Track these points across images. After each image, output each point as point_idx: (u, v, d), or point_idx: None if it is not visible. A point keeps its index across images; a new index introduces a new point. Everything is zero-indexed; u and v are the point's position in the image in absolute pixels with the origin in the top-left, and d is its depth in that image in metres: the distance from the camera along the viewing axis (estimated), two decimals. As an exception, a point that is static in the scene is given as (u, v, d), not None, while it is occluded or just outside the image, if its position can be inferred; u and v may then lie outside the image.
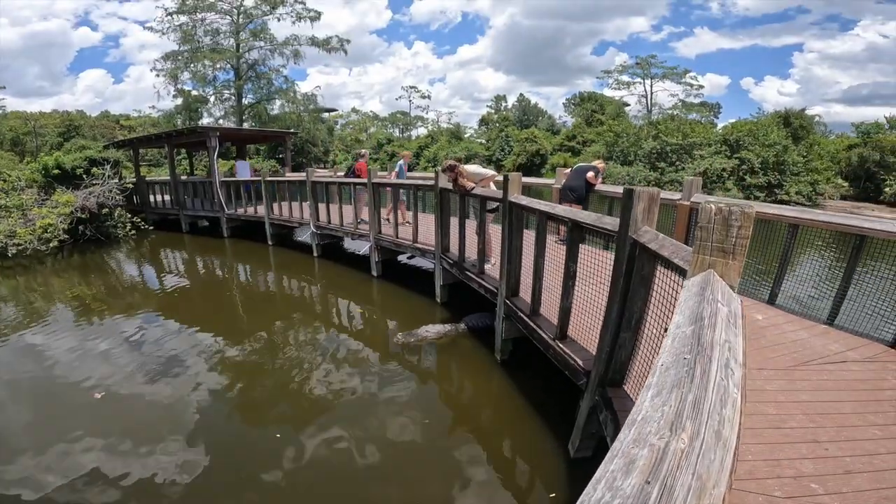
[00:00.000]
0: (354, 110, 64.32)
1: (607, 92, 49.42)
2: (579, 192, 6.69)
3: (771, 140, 23.41)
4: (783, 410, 2.50)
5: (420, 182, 7.54)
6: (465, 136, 52.54)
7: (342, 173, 13.33)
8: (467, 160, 40.72)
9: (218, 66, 28.21)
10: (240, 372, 5.08)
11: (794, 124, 26.25)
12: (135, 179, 15.30)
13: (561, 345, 3.63)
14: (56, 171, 13.06)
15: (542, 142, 39.08)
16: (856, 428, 2.35)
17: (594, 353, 3.15)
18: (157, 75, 27.93)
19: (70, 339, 5.95)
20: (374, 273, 8.57)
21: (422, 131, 59.06)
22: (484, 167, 6.12)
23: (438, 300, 7.01)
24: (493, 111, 58.22)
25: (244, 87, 29.07)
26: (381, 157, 42.49)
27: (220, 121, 29.30)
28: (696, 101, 47.29)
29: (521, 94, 58.97)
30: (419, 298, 7.38)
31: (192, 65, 27.47)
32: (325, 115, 46.42)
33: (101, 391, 4.55)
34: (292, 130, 18.62)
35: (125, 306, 7.49)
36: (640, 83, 48.15)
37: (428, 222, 7.29)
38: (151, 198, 15.33)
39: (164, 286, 9.10)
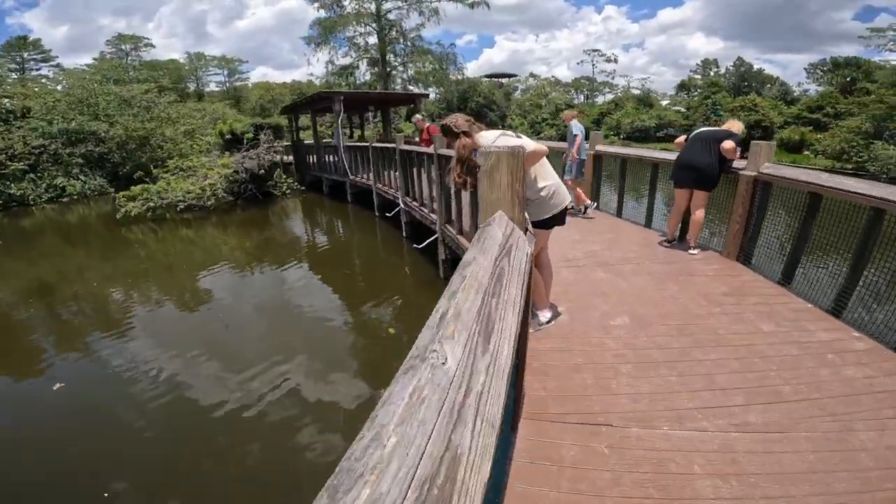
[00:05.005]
0: (532, 75, 60.21)
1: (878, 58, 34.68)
2: (707, 173, 4.23)
3: None
4: None
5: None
6: (662, 102, 44.21)
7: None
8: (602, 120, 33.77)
9: (364, 30, 28.19)
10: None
11: None
12: (291, 142, 16.44)
13: None
14: (229, 136, 14.84)
15: (768, 111, 29.27)
16: None
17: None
18: (309, 44, 29.67)
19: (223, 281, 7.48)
20: (442, 275, 6.71)
21: (609, 98, 51.85)
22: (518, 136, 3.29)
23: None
24: (697, 76, 47.51)
25: (387, 49, 28.80)
26: (557, 123, 38.50)
27: (375, 86, 29.86)
28: None
29: (739, 58, 46.32)
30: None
31: (339, 29, 27.78)
32: (503, 80, 44.61)
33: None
34: (425, 92, 17.51)
35: (262, 258, 8.84)
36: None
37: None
38: (309, 159, 16.36)
39: (293, 246, 10.17)
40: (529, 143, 2.72)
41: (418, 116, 9.84)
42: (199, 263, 8.57)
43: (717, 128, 4.51)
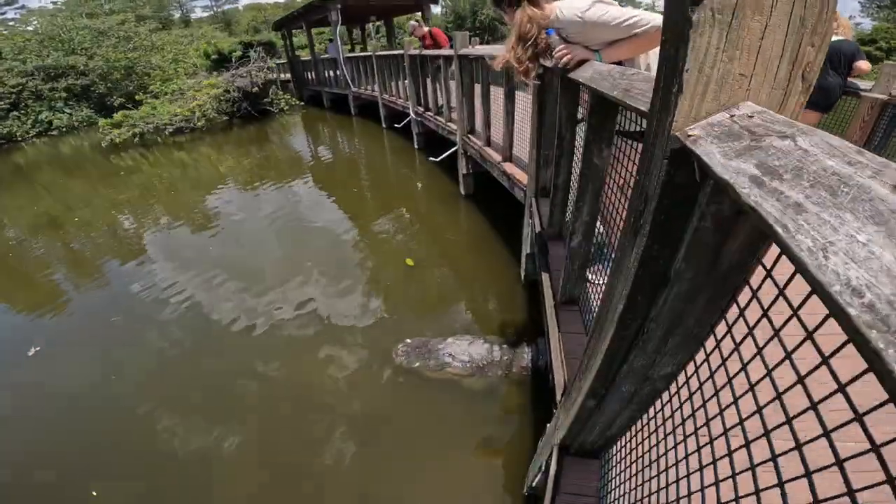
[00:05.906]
0: (546, -16, 54.08)
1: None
2: (836, 94, 3.53)
3: None
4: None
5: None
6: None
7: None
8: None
9: None
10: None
11: None
12: (287, 60, 14.89)
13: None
14: (215, 56, 13.38)
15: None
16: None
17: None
18: None
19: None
20: (463, 191, 5.79)
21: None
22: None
23: (523, 268, 3.98)
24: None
25: None
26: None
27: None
28: None
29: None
30: (497, 250, 4.48)
31: None
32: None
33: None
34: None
35: (263, 177, 7.89)
36: None
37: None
38: (307, 75, 14.93)
39: (296, 163, 9.02)
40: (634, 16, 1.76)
41: (414, 23, 8.08)
42: (190, 186, 7.84)
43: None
